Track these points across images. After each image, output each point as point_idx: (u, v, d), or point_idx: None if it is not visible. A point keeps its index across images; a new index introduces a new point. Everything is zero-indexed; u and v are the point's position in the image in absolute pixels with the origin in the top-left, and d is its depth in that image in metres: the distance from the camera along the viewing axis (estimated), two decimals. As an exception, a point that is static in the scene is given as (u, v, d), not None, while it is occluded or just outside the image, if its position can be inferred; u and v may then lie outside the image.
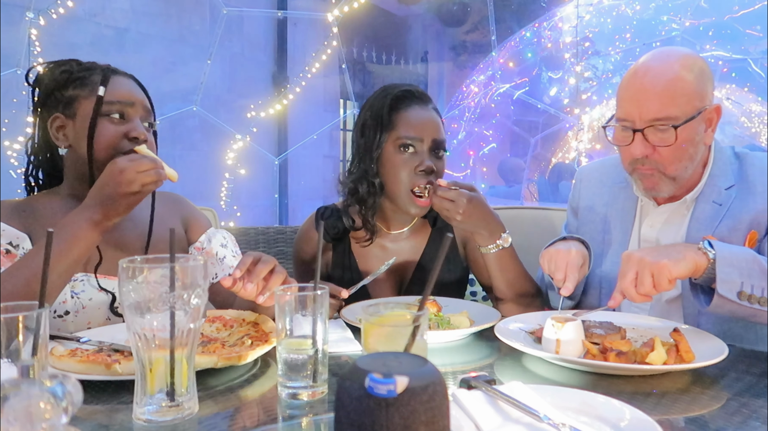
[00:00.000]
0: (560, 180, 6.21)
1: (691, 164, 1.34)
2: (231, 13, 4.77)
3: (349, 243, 1.63)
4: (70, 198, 1.33)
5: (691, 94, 1.28)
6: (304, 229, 1.68)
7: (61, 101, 1.30)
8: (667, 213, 1.43)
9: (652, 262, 1.11)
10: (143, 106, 1.33)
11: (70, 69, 1.31)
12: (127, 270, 0.79)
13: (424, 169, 1.47)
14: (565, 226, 1.69)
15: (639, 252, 1.15)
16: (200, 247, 1.47)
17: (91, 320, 1.27)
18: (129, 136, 1.28)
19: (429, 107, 1.55)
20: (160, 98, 1.50)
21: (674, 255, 1.12)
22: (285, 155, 5.53)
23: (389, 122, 1.51)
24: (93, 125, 1.26)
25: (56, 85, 1.30)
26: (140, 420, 0.81)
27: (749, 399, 0.92)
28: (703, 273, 1.13)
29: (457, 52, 8.16)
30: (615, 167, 1.56)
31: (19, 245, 1.23)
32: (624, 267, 1.16)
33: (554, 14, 6.41)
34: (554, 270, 1.30)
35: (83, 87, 1.29)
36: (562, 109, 5.86)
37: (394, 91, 1.54)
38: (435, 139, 1.50)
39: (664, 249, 1.17)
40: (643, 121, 1.28)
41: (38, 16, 3.53)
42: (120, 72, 1.35)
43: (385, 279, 1.60)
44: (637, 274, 1.13)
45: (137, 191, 1.13)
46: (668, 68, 1.29)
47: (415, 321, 0.77)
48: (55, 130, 1.31)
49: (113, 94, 1.28)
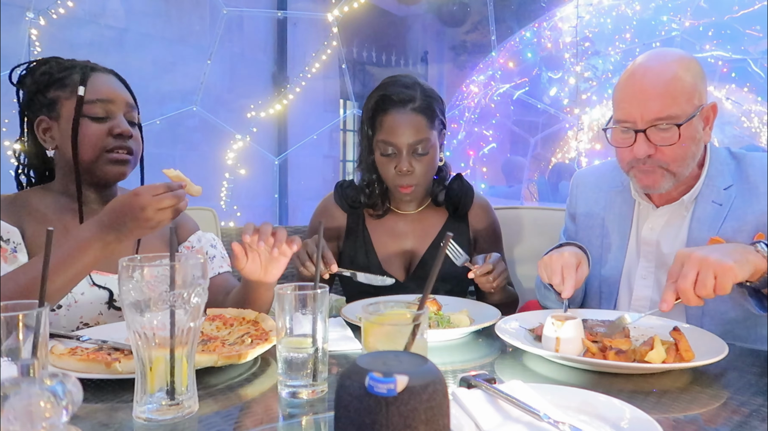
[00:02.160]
0: (560, 180, 6.21)
1: (692, 162, 1.35)
2: (231, 14, 4.76)
3: (364, 216, 1.75)
4: (61, 194, 1.35)
5: (689, 92, 1.29)
6: (325, 204, 1.80)
7: (44, 104, 1.30)
8: (666, 215, 1.43)
9: (717, 263, 1.03)
10: (125, 102, 1.33)
11: (49, 70, 1.31)
12: (127, 269, 0.79)
13: (401, 172, 1.58)
14: (564, 232, 1.69)
15: (700, 251, 1.07)
16: (189, 246, 1.49)
17: (83, 314, 1.27)
18: (113, 133, 1.29)
19: (408, 109, 1.58)
20: (160, 98, 1.50)
21: (738, 257, 1.05)
22: (285, 155, 5.53)
23: (373, 125, 1.63)
24: (76, 126, 1.26)
25: (38, 87, 1.30)
26: (140, 419, 0.81)
27: (749, 398, 0.92)
28: (761, 276, 1.09)
29: (457, 52, 8.15)
30: (611, 171, 1.56)
31: (10, 239, 1.23)
32: (683, 267, 1.06)
33: (554, 14, 6.41)
34: (551, 275, 1.29)
35: (63, 88, 1.29)
36: (562, 109, 5.86)
37: (378, 93, 1.63)
38: (411, 143, 1.57)
39: (723, 249, 1.09)
40: (645, 121, 1.29)
41: (38, 16, 3.53)
42: (99, 68, 1.34)
43: (395, 258, 1.72)
44: (699, 275, 1.04)
45: (154, 226, 1.11)
46: (666, 68, 1.30)
47: (415, 320, 0.77)
48: (41, 132, 1.32)
49: (94, 92, 1.29)
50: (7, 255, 1.21)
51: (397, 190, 1.64)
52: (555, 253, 1.34)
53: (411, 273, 1.71)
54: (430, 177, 1.65)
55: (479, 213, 1.77)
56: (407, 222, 1.75)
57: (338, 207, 1.77)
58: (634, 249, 1.48)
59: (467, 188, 1.75)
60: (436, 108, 1.63)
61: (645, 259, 1.46)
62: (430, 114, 1.60)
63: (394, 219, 1.75)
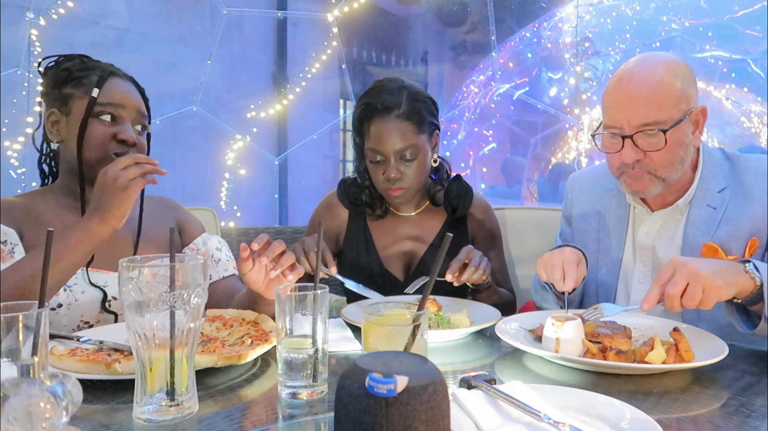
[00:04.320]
0: (560, 180, 6.20)
1: (681, 166, 1.34)
2: (231, 14, 4.76)
3: (366, 216, 1.76)
4: (63, 194, 1.36)
5: (676, 97, 1.29)
6: (328, 200, 1.80)
7: (58, 98, 1.32)
8: (661, 219, 1.43)
9: (707, 279, 1.04)
10: (137, 109, 1.35)
11: (71, 67, 1.33)
12: (127, 269, 0.79)
13: (390, 179, 1.60)
14: (560, 234, 1.69)
15: (693, 263, 1.07)
16: (195, 248, 1.49)
17: (84, 313, 1.28)
18: (117, 138, 1.30)
19: (393, 116, 1.57)
20: (160, 98, 1.51)
21: (728, 277, 1.06)
22: (285, 155, 5.53)
23: (361, 133, 1.65)
24: (84, 124, 1.29)
25: (55, 82, 1.33)
26: (140, 420, 0.81)
27: (749, 399, 0.92)
28: (747, 296, 1.10)
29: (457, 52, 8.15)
30: (605, 174, 1.56)
31: (8, 240, 1.24)
32: (675, 274, 1.07)
33: (554, 14, 6.41)
34: (551, 271, 1.29)
35: (79, 87, 1.32)
36: (562, 109, 5.86)
37: (362, 101, 1.63)
38: (398, 150, 1.57)
39: (717, 266, 1.08)
40: (631, 127, 1.29)
41: (38, 16, 3.53)
42: (120, 74, 1.37)
43: (396, 258, 1.73)
44: (688, 286, 1.05)
45: (125, 187, 1.14)
46: (653, 73, 1.29)
47: (415, 321, 0.77)
48: (50, 124, 1.34)
49: (107, 96, 1.31)
50: (4, 255, 1.22)
51: (387, 194, 1.65)
52: (555, 251, 1.34)
53: (411, 274, 1.71)
54: (421, 180, 1.64)
55: (478, 214, 1.78)
56: (407, 224, 1.75)
57: (341, 204, 1.77)
58: (631, 253, 1.48)
59: (466, 189, 1.74)
60: (424, 111, 1.61)
61: (641, 263, 1.46)
62: (417, 118, 1.59)
63: (394, 220, 1.76)
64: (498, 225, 1.82)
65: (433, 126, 1.65)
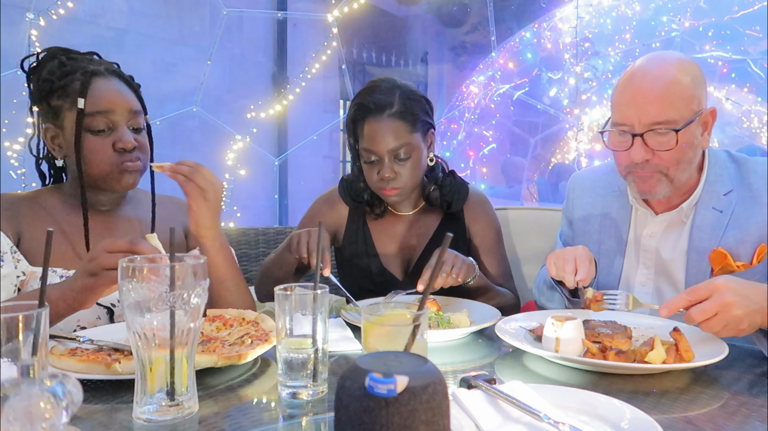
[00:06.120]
0: (560, 180, 6.20)
1: (689, 167, 1.33)
2: (231, 14, 4.76)
3: (365, 215, 1.77)
4: (71, 196, 1.34)
5: (688, 97, 1.28)
6: (330, 195, 1.80)
7: (50, 112, 1.28)
8: (666, 222, 1.42)
9: (735, 321, 1.03)
10: (128, 109, 1.30)
11: (51, 75, 1.28)
12: (127, 270, 0.79)
13: (384, 178, 1.58)
14: (560, 235, 1.68)
15: (731, 299, 1.03)
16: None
17: (81, 318, 1.27)
18: (116, 148, 1.27)
19: (385, 116, 1.56)
20: (160, 99, 1.50)
21: (756, 319, 1.04)
22: (285, 156, 5.53)
23: (355, 133, 1.64)
24: (78, 140, 1.24)
25: (41, 94, 1.29)
26: (140, 420, 0.81)
27: (749, 399, 0.92)
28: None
29: (456, 52, 8.15)
30: (607, 175, 1.55)
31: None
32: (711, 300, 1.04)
33: (554, 15, 6.40)
34: (563, 264, 1.28)
35: (65, 97, 1.27)
36: (562, 109, 5.86)
37: (355, 102, 1.63)
38: (391, 149, 1.56)
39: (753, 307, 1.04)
40: (642, 125, 1.27)
41: (38, 16, 3.53)
42: (101, 72, 1.29)
43: (395, 257, 1.74)
44: (716, 316, 1.04)
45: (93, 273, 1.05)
46: (666, 72, 1.28)
47: (415, 321, 0.77)
48: (50, 140, 1.31)
49: (94, 103, 1.25)
50: None
51: (381, 194, 1.64)
52: (568, 247, 1.34)
53: (409, 273, 1.71)
54: (416, 179, 1.63)
55: (475, 209, 1.75)
56: (405, 224, 1.75)
57: (341, 200, 1.77)
58: (633, 255, 1.47)
59: (459, 185, 1.72)
60: (418, 109, 1.60)
61: (644, 266, 1.45)
62: (411, 117, 1.58)
63: (392, 219, 1.76)
64: (497, 220, 1.79)
65: (427, 125, 1.64)
